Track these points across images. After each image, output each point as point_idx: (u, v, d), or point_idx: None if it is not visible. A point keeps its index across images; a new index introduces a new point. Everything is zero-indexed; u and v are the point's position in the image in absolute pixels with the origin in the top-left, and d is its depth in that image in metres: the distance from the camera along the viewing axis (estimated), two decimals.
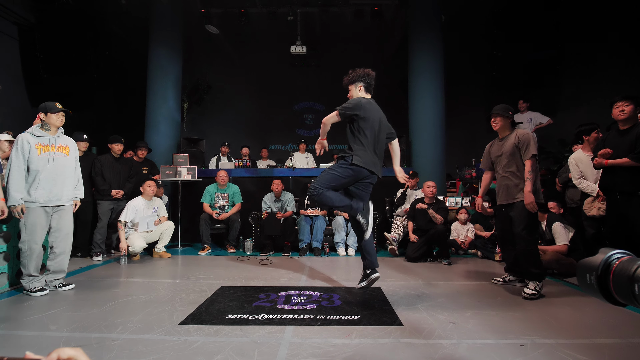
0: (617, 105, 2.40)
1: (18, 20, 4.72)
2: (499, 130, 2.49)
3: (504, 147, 2.45)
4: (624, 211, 2.38)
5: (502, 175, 2.45)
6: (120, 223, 3.29)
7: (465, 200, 4.30)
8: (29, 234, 2.28)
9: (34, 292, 2.27)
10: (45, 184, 2.32)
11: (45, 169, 2.32)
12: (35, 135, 2.32)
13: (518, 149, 2.35)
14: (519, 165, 2.36)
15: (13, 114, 4.59)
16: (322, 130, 2.36)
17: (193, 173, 4.15)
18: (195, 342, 1.55)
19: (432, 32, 5.10)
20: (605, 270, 0.44)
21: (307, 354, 1.44)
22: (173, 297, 2.19)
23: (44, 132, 2.36)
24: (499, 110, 2.45)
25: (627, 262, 0.43)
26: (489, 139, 2.66)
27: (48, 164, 2.33)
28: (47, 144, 2.35)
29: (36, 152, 2.29)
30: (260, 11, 5.86)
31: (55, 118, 2.36)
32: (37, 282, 2.31)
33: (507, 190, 2.41)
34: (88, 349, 1.47)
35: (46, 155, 2.33)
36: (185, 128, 6.83)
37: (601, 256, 0.45)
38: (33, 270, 2.29)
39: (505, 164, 2.42)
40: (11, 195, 2.21)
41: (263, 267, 3.12)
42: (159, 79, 5.24)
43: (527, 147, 2.30)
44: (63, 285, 2.43)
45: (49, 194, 2.33)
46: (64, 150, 2.44)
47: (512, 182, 2.38)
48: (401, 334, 1.65)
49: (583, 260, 0.48)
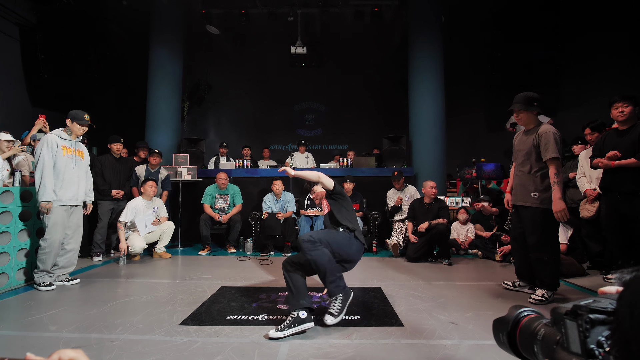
0: (617, 106, 2.39)
1: (19, 21, 4.73)
2: (524, 124, 2.25)
3: (525, 142, 2.23)
4: (625, 211, 2.37)
5: (516, 174, 2.30)
6: (120, 223, 3.29)
7: (465, 200, 4.29)
8: (51, 232, 2.38)
9: (42, 286, 2.35)
10: (69, 184, 2.47)
11: (69, 170, 2.47)
12: (61, 138, 2.47)
13: (536, 149, 2.13)
14: (533, 165, 2.17)
15: (14, 114, 4.60)
16: (304, 175, 1.99)
17: (193, 173, 4.15)
18: (195, 343, 1.54)
19: (432, 32, 5.10)
20: (514, 328, 0.47)
21: (307, 355, 1.44)
22: (173, 298, 2.19)
23: (67, 136, 2.51)
24: (518, 103, 2.16)
25: (530, 321, 0.46)
26: (489, 139, 2.64)
27: (73, 166, 2.50)
28: (70, 147, 2.51)
29: (61, 153, 2.43)
30: (260, 12, 5.87)
31: (78, 128, 2.50)
32: (48, 277, 2.41)
33: (518, 191, 2.25)
34: (88, 350, 1.47)
35: (70, 158, 2.49)
36: (186, 128, 6.83)
37: (511, 314, 0.49)
38: (50, 266, 2.40)
39: (521, 162, 2.24)
40: (47, 191, 2.32)
41: (263, 268, 3.11)
42: (159, 80, 5.25)
43: (547, 147, 2.07)
44: (69, 279, 2.53)
45: (71, 194, 2.48)
46: (80, 155, 2.61)
47: (523, 183, 2.21)
48: (402, 334, 1.65)
49: (497, 318, 0.52)
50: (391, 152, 4.74)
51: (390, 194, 4.07)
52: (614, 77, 4.51)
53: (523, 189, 2.21)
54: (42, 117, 3.00)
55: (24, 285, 2.49)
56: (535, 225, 2.13)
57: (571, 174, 3.30)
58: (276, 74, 7.29)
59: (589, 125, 2.97)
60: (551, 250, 2.15)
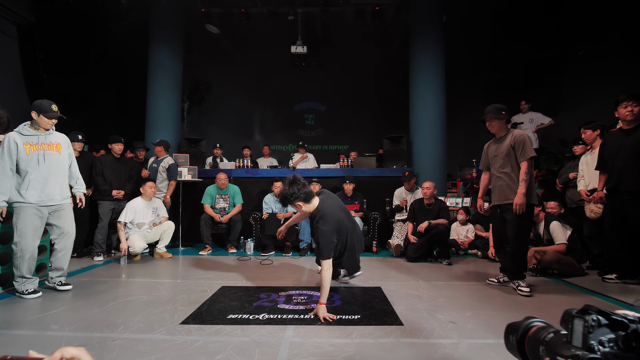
0: (625, 104, 2.36)
1: (18, 20, 4.72)
2: (495, 132, 2.48)
3: (500, 147, 2.44)
4: (630, 212, 2.37)
5: (497, 176, 2.44)
6: (120, 224, 3.29)
7: (465, 200, 4.30)
8: (20, 235, 2.21)
9: (26, 294, 2.19)
10: (36, 184, 2.24)
11: (35, 169, 2.23)
12: (22, 134, 2.23)
13: (514, 150, 2.34)
14: (513, 166, 2.35)
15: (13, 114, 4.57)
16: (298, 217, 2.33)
17: (194, 173, 4.16)
18: (196, 342, 1.55)
19: (433, 32, 5.09)
20: (524, 333, 0.51)
21: (307, 354, 1.44)
22: (174, 297, 2.20)
23: (33, 130, 2.26)
24: (490, 112, 2.41)
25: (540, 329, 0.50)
26: (489, 139, 2.65)
27: (38, 163, 2.24)
28: (35, 143, 2.25)
29: (24, 152, 2.20)
30: (260, 11, 5.86)
31: (47, 121, 2.26)
32: (30, 284, 2.24)
33: (500, 191, 2.41)
34: (89, 349, 1.48)
35: (35, 155, 2.24)
36: (186, 128, 6.83)
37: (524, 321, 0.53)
38: (26, 272, 2.22)
39: (500, 164, 2.41)
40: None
41: (264, 267, 3.12)
42: (159, 79, 5.24)
43: (523, 149, 2.29)
44: (62, 284, 2.40)
45: (40, 194, 2.25)
46: (55, 148, 2.34)
47: (506, 183, 2.37)
48: (401, 333, 1.66)
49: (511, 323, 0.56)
50: (392, 152, 4.75)
51: (399, 193, 4.05)
52: (615, 78, 4.52)
53: (507, 189, 2.36)
54: None
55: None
56: (514, 221, 2.30)
57: (571, 174, 3.31)
58: (276, 73, 7.28)
59: (584, 125, 3.01)
60: (526, 241, 2.40)
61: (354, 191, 4.04)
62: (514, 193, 2.30)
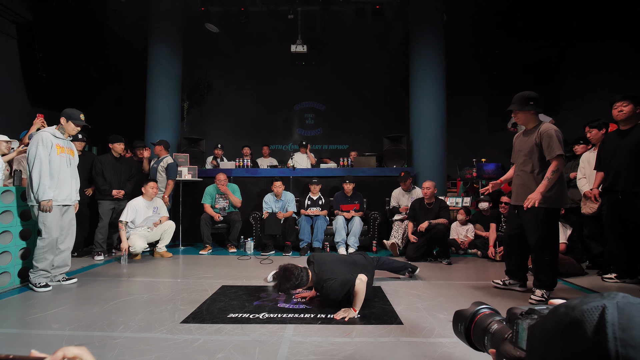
0: (616, 105, 2.39)
1: (17, 19, 4.71)
2: (523, 124, 2.21)
3: (525, 142, 2.19)
4: (625, 211, 2.38)
5: (517, 174, 2.24)
6: (121, 223, 3.29)
7: (465, 200, 4.30)
8: (49, 231, 2.35)
9: (38, 287, 2.31)
10: (64, 184, 2.43)
11: (64, 170, 2.44)
12: (55, 136, 2.42)
13: (538, 148, 2.09)
14: (535, 165, 2.12)
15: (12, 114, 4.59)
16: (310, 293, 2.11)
17: (194, 173, 4.16)
18: (196, 341, 1.56)
19: (434, 31, 5.08)
20: (471, 320, 0.53)
21: (307, 352, 1.45)
22: (174, 296, 2.20)
23: (60, 134, 2.47)
24: (515, 103, 2.14)
25: (485, 317, 0.51)
26: (490, 138, 2.64)
27: (69, 165, 2.48)
28: (63, 146, 2.46)
29: (55, 152, 2.39)
30: (260, 10, 5.85)
31: (73, 127, 2.47)
32: (44, 278, 2.36)
33: (517, 191, 2.21)
34: (90, 347, 1.48)
35: (64, 157, 2.47)
36: (186, 128, 6.82)
37: (472, 309, 0.54)
38: (47, 266, 2.36)
39: (522, 161, 2.19)
40: (47, 190, 2.28)
41: (264, 267, 3.13)
42: (159, 78, 5.24)
43: (551, 146, 2.03)
44: (66, 279, 2.51)
45: (65, 194, 2.45)
46: (72, 154, 2.58)
47: (524, 183, 2.16)
48: (401, 332, 1.66)
49: (459, 310, 0.57)
50: (392, 151, 4.75)
51: (396, 194, 4.06)
52: (617, 77, 4.52)
53: (525, 189, 2.15)
54: (41, 117, 2.94)
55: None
56: (537, 224, 2.08)
57: (572, 174, 3.31)
58: (276, 73, 7.28)
59: (589, 124, 2.98)
60: (551, 250, 2.13)
61: (354, 191, 4.05)
62: None
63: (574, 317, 0.29)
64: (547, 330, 0.31)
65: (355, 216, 3.84)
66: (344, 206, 3.93)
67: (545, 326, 0.31)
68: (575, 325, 0.28)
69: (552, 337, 0.30)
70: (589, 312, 0.28)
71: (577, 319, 0.28)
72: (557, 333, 0.30)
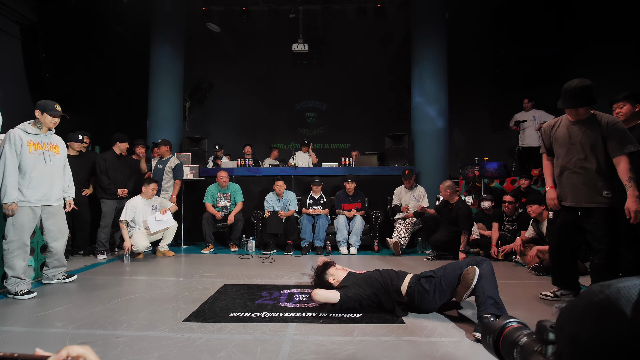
0: (614, 107, 2.33)
1: (20, 19, 4.73)
2: (579, 117, 1.95)
3: (580, 134, 1.90)
4: None
5: (573, 171, 1.94)
6: (122, 222, 3.31)
7: (468, 199, 4.28)
8: (17, 233, 2.17)
9: (20, 295, 2.13)
10: (37, 183, 2.24)
11: (36, 168, 2.24)
12: (27, 132, 2.23)
13: (604, 140, 1.82)
14: (600, 160, 1.84)
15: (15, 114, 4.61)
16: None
17: (195, 172, 4.17)
18: (199, 339, 1.56)
19: (436, 29, 5.06)
20: (499, 334, 0.53)
21: (309, 351, 1.45)
22: (177, 295, 2.21)
23: (36, 129, 2.28)
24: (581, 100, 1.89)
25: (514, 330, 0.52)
26: (492, 137, 2.61)
27: (45, 162, 2.27)
28: (38, 142, 2.26)
29: (27, 150, 2.20)
30: (261, 9, 5.85)
31: (50, 120, 2.28)
32: (24, 284, 2.18)
33: (577, 191, 1.93)
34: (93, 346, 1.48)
35: (37, 154, 2.25)
36: (188, 127, 6.84)
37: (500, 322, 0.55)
38: (21, 273, 2.17)
39: (582, 157, 1.90)
40: (8, 192, 2.11)
41: (265, 266, 3.13)
42: (161, 78, 5.25)
43: (621, 140, 1.78)
44: (66, 277, 2.48)
45: (40, 194, 2.26)
46: (54, 149, 2.37)
47: (585, 182, 1.89)
48: (403, 332, 1.66)
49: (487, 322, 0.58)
50: (393, 150, 4.73)
51: (398, 191, 4.06)
52: (619, 76, 4.47)
53: (588, 189, 1.89)
54: None
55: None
56: (607, 229, 1.85)
57: None
58: (278, 71, 7.27)
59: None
60: (616, 256, 1.94)
61: (356, 190, 4.04)
62: (599, 194, 1.86)
63: (609, 294, 0.28)
64: (579, 308, 0.30)
65: (357, 215, 3.84)
66: (346, 205, 3.93)
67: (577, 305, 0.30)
68: (611, 302, 0.27)
69: (584, 315, 0.29)
70: (626, 289, 0.27)
71: (612, 296, 0.27)
72: (591, 310, 0.28)
